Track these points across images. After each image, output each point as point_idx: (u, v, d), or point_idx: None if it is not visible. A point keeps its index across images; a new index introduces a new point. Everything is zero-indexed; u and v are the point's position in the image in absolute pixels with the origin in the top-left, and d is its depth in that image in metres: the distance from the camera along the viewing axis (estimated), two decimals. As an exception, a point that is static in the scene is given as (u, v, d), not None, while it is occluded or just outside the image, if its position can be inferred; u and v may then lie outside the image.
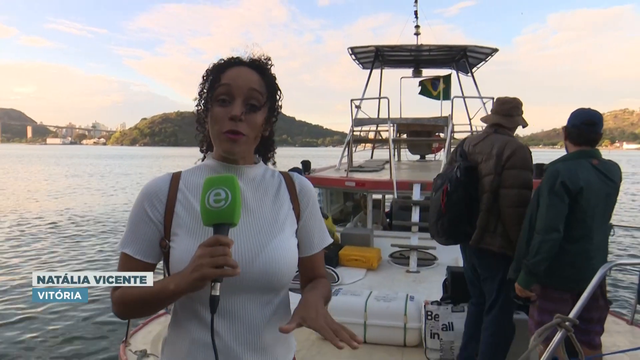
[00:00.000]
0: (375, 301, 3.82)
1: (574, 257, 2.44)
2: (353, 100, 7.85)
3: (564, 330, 1.67)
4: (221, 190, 0.96)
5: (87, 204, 20.18)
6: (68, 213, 17.26)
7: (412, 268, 5.51)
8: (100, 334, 6.30)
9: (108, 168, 52.68)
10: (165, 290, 1.00)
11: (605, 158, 2.55)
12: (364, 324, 3.72)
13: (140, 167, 56.45)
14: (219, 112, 1.08)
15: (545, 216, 2.45)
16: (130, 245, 1.12)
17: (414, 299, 3.87)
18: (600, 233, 2.48)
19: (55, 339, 6.19)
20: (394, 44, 8.81)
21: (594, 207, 2.43)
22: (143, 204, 1.13)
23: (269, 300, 1.12)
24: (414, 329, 3.64)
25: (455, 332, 3.43)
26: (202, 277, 0.93)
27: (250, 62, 1.15)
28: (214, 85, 1.10)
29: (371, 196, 6.58)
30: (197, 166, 1.22)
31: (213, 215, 0.96)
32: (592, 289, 1.83)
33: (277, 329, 1.12)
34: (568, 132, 2.56)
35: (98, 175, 40.56)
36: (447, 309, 3.50)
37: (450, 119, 7.34)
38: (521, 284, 2.54)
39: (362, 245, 5.90)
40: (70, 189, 27.19)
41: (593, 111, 2.55)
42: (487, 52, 8.65)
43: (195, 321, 1.09)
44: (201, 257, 0.93)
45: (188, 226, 1.10)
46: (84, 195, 23.83)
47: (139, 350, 3.37)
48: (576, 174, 2.42)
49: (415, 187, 6.13)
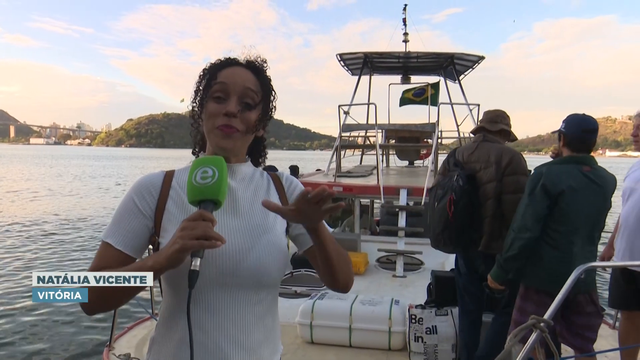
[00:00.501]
0: (361, 305, 3.85)
1: (553, 260, 2.48)
2: (341, 106, 7.91)
3: (539, 331, 1.70)
4: (208, 168, 0.97)
5: (61, 207, 19.71)
6: (49, 216, 16.98)
7: (399, 273, 5.56)
8: (84, 337, 6.21)
9: (91, 169, 51.64)
10: (142, 267, 0.98)
11: (601, 167, 2.55)
12: (349, 327, 3.74)
13: (123, 167, 55.25)
14: (214, 108, 1.10)
15: (521, 215, 2.52)
16: (113, 236, 1.09)
17: (399, 302, 3.90)
18: (585, 239, 2.48)
19: (37, 342, 6.10)
20: (382, 51, 8.91)
21: (577, 212, 2.45)
22: (132, 196, 1.13)
23: (258, 300, 1.11)
24: (398, 333, 3.67)
25: (439, 335, 3.46)
26: (182, 248, 0.91)
27: (247, 62, 1.17)
28: (210, 82, 1.11)
29: (359, 201, 6.62)
30: (189, 166, 1.22)
31: (198, 191, 0.96)
32: (565, 290, 1.87)
33: (265, 329, 1.14)
34: (568, 140, 2.54)
35: (86, 176, 39.70)
36: (431, 312, 3.54)
37: (437, 125, 7.42)
38: (492, 276, 2.68)
39: (349, 250, 5.92)
40: (51, 191, 26.55)
41: (590, 117, 2.57)
42: (474, 59, 8.78)
43: (183, 321, 1.04)
44: (183, 230, 0.92)
45: (179, 220, 1.05)
46: (60, 197, 23.27)
47: (123, 354, 3.36)
48: (559, 177, 2.46)
49: (402, 192, 6.19)
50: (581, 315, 2.50)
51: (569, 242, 2.47)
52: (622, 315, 3.05)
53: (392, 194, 6.28)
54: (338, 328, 3.76)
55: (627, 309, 2.99)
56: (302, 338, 3.86)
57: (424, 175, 7.26)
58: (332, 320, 3.77)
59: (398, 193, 6.22)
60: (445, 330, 3.47)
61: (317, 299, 3.97)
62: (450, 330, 3.46)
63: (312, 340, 3.81)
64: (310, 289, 4.84)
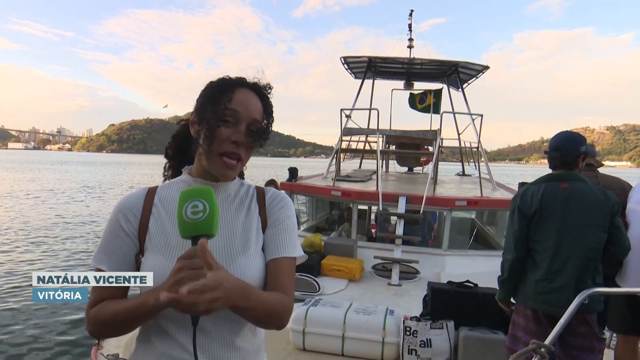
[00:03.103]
0: (355, 314, 3.80)
1: (534, 277, 2.52)
2: (343, 109, 7.86)
3: (539, 356, 1.66)
4: (198, 202, 0.96)
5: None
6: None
7: (394, 281, 5.51)
8: (72, 336, 6.15)
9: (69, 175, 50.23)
10: (144, 305, 0.99)
11: (585, 182, 2.53)
12: (342, 336, 3.69)
13: (104, 174, 53.73)
14: (223, 132, 1.10)
15: (505, 238, 2.65)
16: (105, 261, 1.11)
17: (393, 313, 3.85)
18: (562, 254, 2.46)
19: (25, 339, 6.05)
20: (386, 56, 8.86)
21: (552, 230, 2.47)
22: (118, 217, 1.14)
23: (238, 318, 1.08)
24: (392, 344, 3.62)
25: (433, 349, 3.42)
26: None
27: (255, 86, 1.19)
28: (223, 103, 1.11)
29: (356, 206, 6.57)
30: (173, 181, 1.23)
31: (191, 227, 0.95)
32: (568, 316, 1.82)
33: (246, 344, 1.14)
34: (547, 157, 2.66)
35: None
36: (426, 325, 3.49)
37: (439, 133, 7.38)
38: (497, 297, 2.79)
39: (345, 256, 5.88)
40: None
41: (558, 134, 2.62)
42: (479, 69, 8.75)
43: (164, 336, 1.09)
44: (181, 271, 0.92)
45: (157, 241, 1.11)
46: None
47: (111, 354, 3.30)
48: (533, 197, 2.53)
49: (400, 199, 6.14)
50: (573, 336, 2.47)
51: (548, 260, 2.48)
52: (619, 339, 3.01)
53: (390, 200, 6.23)
54: (331, 336, 3.71)
55: (625, 333, 2.96)
56: (293, 344, 3.81)
57: (423, 182, 7.22)
58: (325, 328, 3.72)
59: (397, 200, 6.18)
60: (440, 344, 3.42)
61: (310, 306, 3.92)
62: (444, 344, 3.42)
63: (304, 347, 3.76)
64: (305, 294, 4.79)
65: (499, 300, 2.78)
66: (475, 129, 7.98)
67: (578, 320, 2.46)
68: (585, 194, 2.49)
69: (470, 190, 7.32)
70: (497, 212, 7.88)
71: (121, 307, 1.04)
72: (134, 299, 1.05)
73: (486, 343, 3.32)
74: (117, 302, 1.07)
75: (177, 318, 1.06)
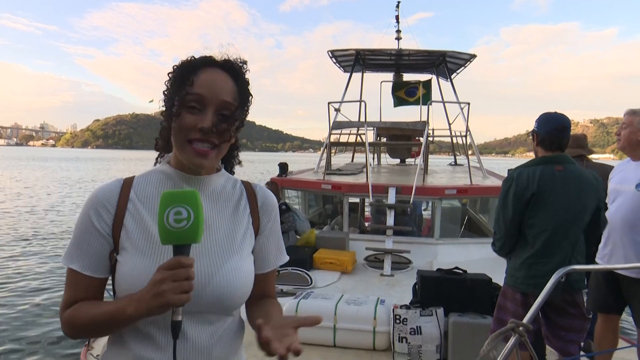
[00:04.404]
0: (346, 305, 3.81)
1: (527, 260, 2.49)
2: (331, 103, 7.84)
3: (517, 335, 1.66)
4: (182, 208, 0.87)
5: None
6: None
7: (386, 272, 5.52)
8: (62, 336, 6.10)
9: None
10: (121, 314, 0.93)
11: (577, 165, 2.54)
12: (333, 327, 3.70)
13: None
14: (188, 120, 0.99)
15: (496, 222, 2.59)
16: (77, 260, 1.03)
17: (384, 302, 3.86)
18: (564, 240, 2.46)
19: (14, 339, 6.01)
20: (374, 48, 8.85)
21: (548, 214, 2.45)
22: (89, 213, 1.04)
23: (220, 323, 1.06)
24: (383, 333, 3.63)
25: (423, 336, 3.43)
26: (166, 304, 0.87)
27: (225, 64, 1.06)
28: (184, 87, 1.00)
29: (347, 199, 6.57)
30: (150, 171, 1.12)
31: (174, 236, 0.88)
32: (545, 294, 1.83)
33: (226, 347, 1.08)
34: (541, 139, 2.53)
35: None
36: (416, 312, 3.50)
37: (428, 123, 7.38)
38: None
39: (337, 249, 5.88)
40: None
41: (561, 115, 2.55)
42: (466, 57, 8.76)
43: (139, 337, 1.02)
44: (163, 282, 0.86)
45: (137, 241, 1.02)
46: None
47: (101, 354, 3.29)
48: (529, 180, 2.46)
49: (390, 190, 6.15)
50: (562, 317, 2.49)
51: (542, 244, 2.46)
52: (600, 319, 3.00)
53: (380, 192, 6.24)
54: (322, 328, 3.71)
55: (606, 312, 2.96)
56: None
57: (414, 173, 7.23)
58: (316, 320, 3.72)
59: (387, 191, 6.18)
60: (430, 331, 3.43)
61: (301, 298, 3.92)
62: (434, 331, 3.43)
63: (296, 340, 3.76)
64: (297, 288, 4.79)
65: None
66: (464, 116, 8.00)
67: (568, 302, 2.47)
68: (579, 177, 2.48)
69: (460, 179, 7.33)
70: (489, 200, 7.91)
71: (96, 312, 0.98)
72: (111, 303, 0.99)
73: (475, 328, 3.33)
74: (93, 306, 1.01)
75: (156, 318, 0.98)
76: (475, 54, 8.51)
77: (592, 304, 3.03)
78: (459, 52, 8.58)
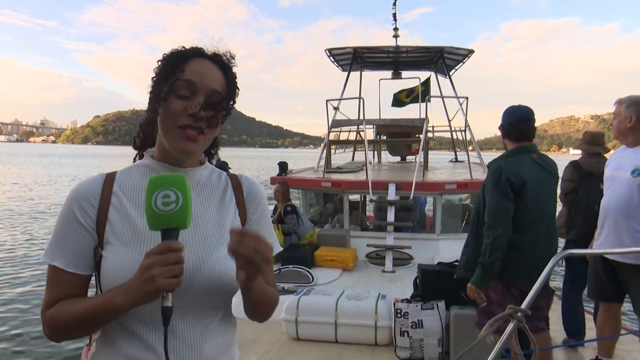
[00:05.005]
0: (347, 300, 3.80)
1: (521, 249, 2.50)
2: (329, 101, 7.83)
3: (516, 321, 1.65)
4: (170, 191, 0.87)
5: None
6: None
7: (388, 268, 5.51)
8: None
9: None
10: (109, 306, 0.90)
11: (542, 153, 2.68)
12: (334, 323, 3.69)
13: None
14: (177, 105, 0.99)
15: (494, 212, 2.53)
16: (60, 257, 1.00)
17: (385, 297, 3.85)
18: (544, 224, 2.55)
19: (16, 340, 6.01)
20: (371, 46, 8.83)
21: (537, 200, 2.51)
22: (72, 208, 1.02)
23: (209, 315, 1.05)
24: (384, 328, 3.62)
25: (424, 329, 3.41)
26: (157, 289, 0.85)
27: (214, 56, 1.08)
28: (174, 74, 1.01)
29: (347, 197, 6.56)
30: (133, 166, 1.12)
31: (163, 219, 0.87)
32: (544, 278, 1.81)
33: (218, 343, 1.06)
34: (506, 131, 2.67)
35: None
36: (417, 306, 3.49)
37: (426, 120, 7.37)
38: (476, 283, 2.57)
39: (338, 246, 5.88)
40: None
41: (525, 107, 2.69)
42: (464, 53, 8.72)
43: (127, 337, 1.00)
44: (152, 267, 0.84)
45: (122, 234, 1.01)
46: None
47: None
48: (518, 169, 2.53)
49: (390, 186, 6.14)
50: (542, 298, 2.57)
51: (533, 230, 2.51)
52: (601, 307, 3.03)
53: (380, 188, 6.23)
54: (324, 324, 3.71)
55: (606, 300, 2.96)
56: (287, 334, 3.80)
57: (414, 170, 7.21)
58: (318, 316, 3.72)
59: (387, 188, 6.17)
60: (431, 324, 3.42)
61: (302, 295, 3.92)
62: (436, 324, 3.41)
63: (298, 337, 3.76)
64: (298, 285, 4.78)
65: (480, 286, 2.56)
66: (463, 111, 7.98)
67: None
68: (548, 164, 2.62)
69: (461, 174, 7.32)
70: None
71: (82, 307, 0.95)
72: (95, 297, 0.97)
73: (477, 320, 3.31)
74: (76, 302, 0.97)
75: (144, 316, 0.97)
76: (473, 49, 8.48)
77: (593, 293, 3.04)
78: (457, 47, 8.55)
